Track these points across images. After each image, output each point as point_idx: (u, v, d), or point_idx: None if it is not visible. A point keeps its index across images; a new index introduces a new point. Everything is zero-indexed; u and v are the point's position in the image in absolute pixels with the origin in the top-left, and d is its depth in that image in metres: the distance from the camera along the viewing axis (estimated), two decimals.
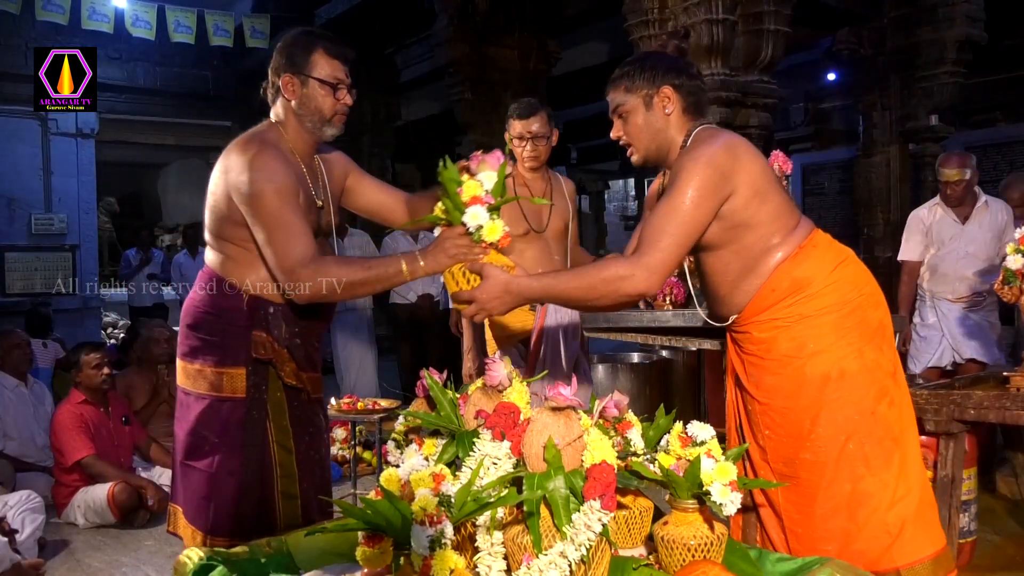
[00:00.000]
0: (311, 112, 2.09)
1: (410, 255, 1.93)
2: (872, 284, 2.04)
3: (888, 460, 1.94)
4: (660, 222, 1.90)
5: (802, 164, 11.60)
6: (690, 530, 1.51)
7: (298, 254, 1.93)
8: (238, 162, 2.00)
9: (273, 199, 1.95)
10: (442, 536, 1.40)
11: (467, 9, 8.26)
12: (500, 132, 9.14)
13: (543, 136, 3.38)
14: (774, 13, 6.23)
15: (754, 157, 1.99)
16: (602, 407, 1.63)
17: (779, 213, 1.99)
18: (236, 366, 2.08)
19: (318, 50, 2.07)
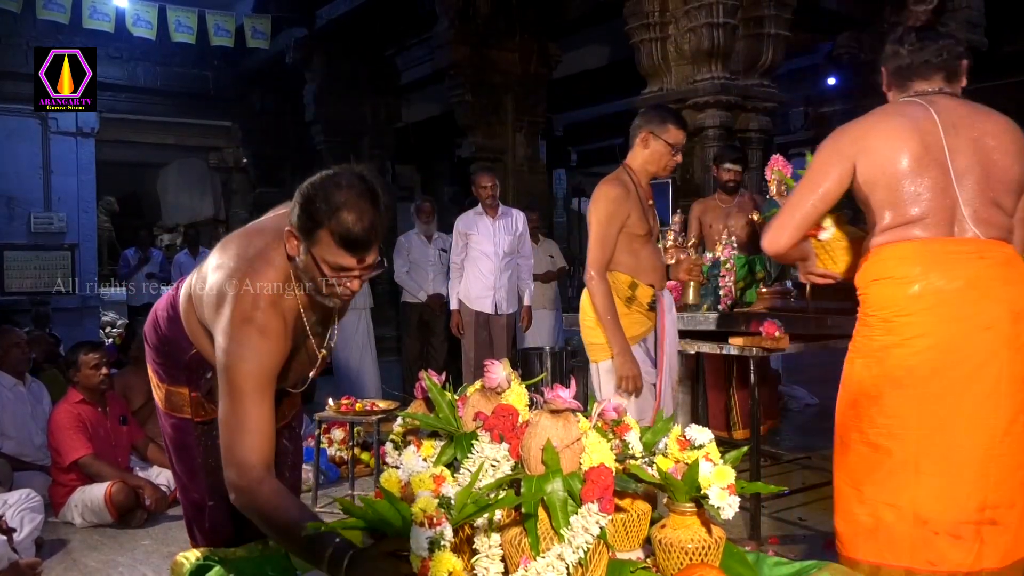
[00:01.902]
0: (307, 279, 1.76)
1: (341, 553, 1.49)
2: (891, 310, 2.06)
3: (842, 461, 2.17)
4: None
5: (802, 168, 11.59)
6: (688, 533, 1.51)
7: (238, 459, 1.67)
8: (225, 315, 1.74)
9: (243, 379, 1.70)
10: (441, 538, 1.38)
11: (468, 11, 8.27)
12: (500, 134, 9.18)
13: (682, 151, 3.40)
14: (775, 17, 6.25)
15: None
16: (600, 410, 1.63)
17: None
18: (178, 385, 1.98)
19: (327, 228, 1.65)
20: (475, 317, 5.83)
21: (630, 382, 3.16)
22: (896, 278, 2.05)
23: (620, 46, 7.92)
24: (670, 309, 3.36)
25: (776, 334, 3.49)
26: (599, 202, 3.25)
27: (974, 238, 2.03)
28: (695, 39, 6.07)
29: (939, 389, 1.99)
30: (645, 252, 3.30)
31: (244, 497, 1.66)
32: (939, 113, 2.07)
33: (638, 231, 3.27)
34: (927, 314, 2.01)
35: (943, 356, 1.99)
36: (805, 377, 7.68)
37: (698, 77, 6.16)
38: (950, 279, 2.01)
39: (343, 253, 1.67)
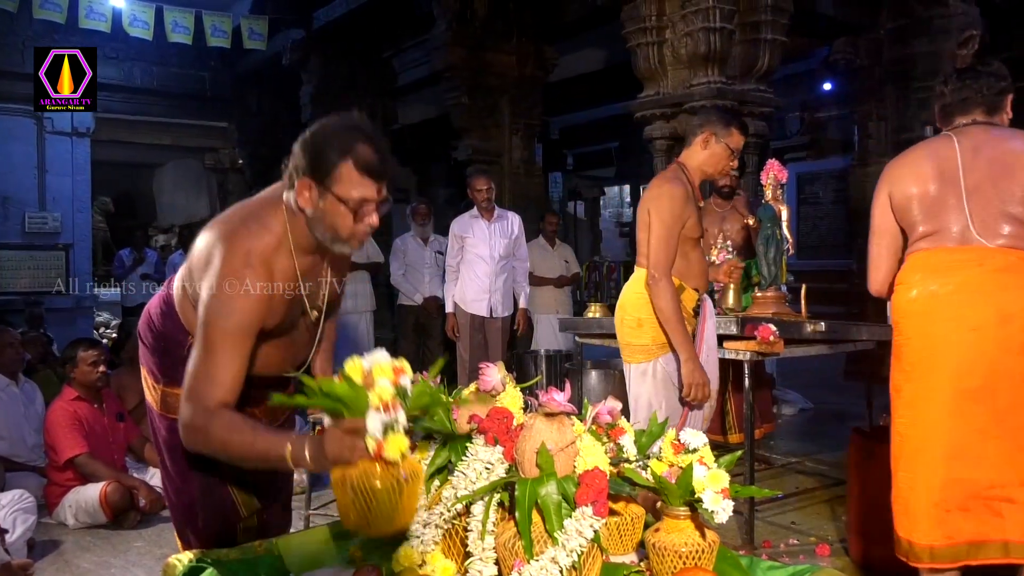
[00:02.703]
0: (325, 227, 1.76)
1: (299, 444, 1.59)
2: (898, 313, 2.36)
3: (897, 454, 2.39)
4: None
5: (797, 173, 11.63)
6: (681, 537, 1.51)
7: (206, 401, 1.69)
8: (214, 267, 1.74)
9: (219, 334, 1.72)
10: (396, 423, 1.46)
11: (465, 14, 8.27)
12: (496, 137, 9.19)
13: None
14: (771, 22, 6.26)
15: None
16: (595, 413, 1.63)
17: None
18: (174, 386, 1.90)
19: (346, 162, 1.69)
20: (470, 320, 5.83)
21: (699, 390, 3.05)
22: (903, 284, 2.35)
23: (617, 50, 7.93)
24: (711, 315, 3.27)
25: (771, 338, 3.49)
26: (664, 201, 3.11)
27: (978, 246, 2.25)
28: (692, 43, 6.08)
29: (937, 382, 2.26)
30: (695, 256, 3.24)
31: (197, 434, 1.69)
32: (961, 140, 2.34)
33: (693, 234, 3.19)
34: (921, 316, 2.29)
35: (936, 353, 2.27)
36: (800, 382, 7.70)
37: (694, 81, 6.17)
38: (943, 284, 2.26)
39: (367, 182, 1.71)
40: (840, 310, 8.60)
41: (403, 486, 1.50)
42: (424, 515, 1.63)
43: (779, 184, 4.06)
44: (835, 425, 6.11)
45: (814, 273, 10.07)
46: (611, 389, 4.76)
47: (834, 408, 6.86)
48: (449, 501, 1.58)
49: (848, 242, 9.42)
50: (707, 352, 3.21)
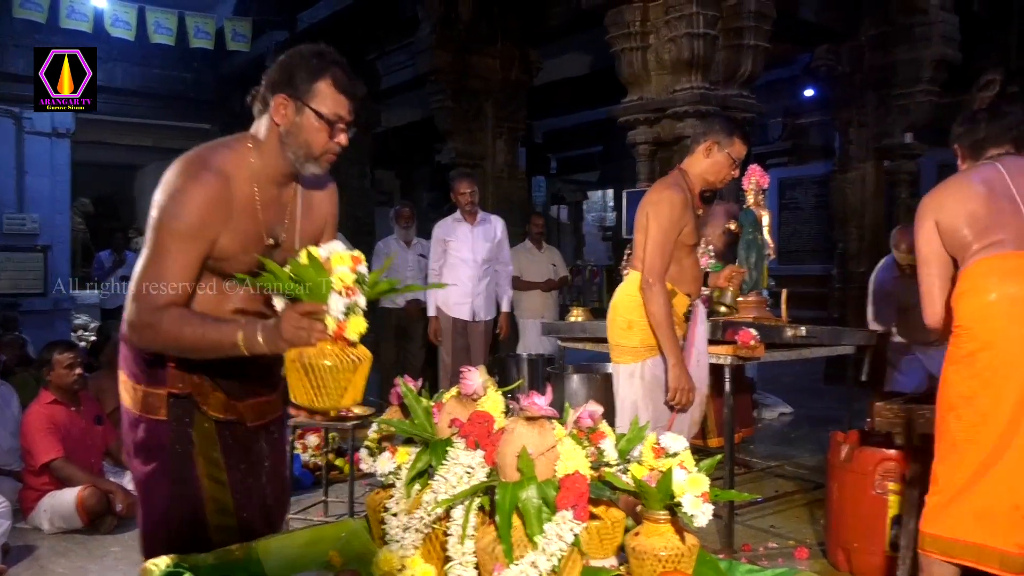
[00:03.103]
0: (299, 144, 1.84)
1: (251, 328, 1.69)
2: (973, 318, 2.33)
3: (943, 457, 2.39)
4: None
5: (779, 178, 11.71)
6: (661, 541, 1.51)
7: (153, 300, 1.72)
8: (165, 180, 1.80)
9: (168, 236, 1.75)
10: (356, 305, 1.61)
11: (450, 18, 8.28)
12: (480, 140, 9.21)
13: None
14: (754, 29, 6.30)
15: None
16: (576, 417, 1.63)
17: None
18: (157, 386, 1.89)
19: (325, 78, 1.81)
20: (453, 324, 5.82)
21: (684, 394, 3.10)
22: (977, 290, 2.33)
23: (601, 55, 7.96)
24: (702, 320, 3.31)
25: (751, 343, 3.52)
26: (663, 206, 3.14)
27: None
28: (675, 49, 6.12)
29: (1020, 384, 2.24)
30: (689, 262, 3.27)
31: (145, 330, 1.76)
32: (1004, 165, 2.44)
33: (689, 241, 3.22)
34: (1004, 318, 2.28)
35: (1020, 355, 2.26)
36: (780, 386, 7.74)
37: (678, 87, 6.20)
38: (1023, 286, 2.29)
39: (342, 100, 1.83)
40: (821, 314, 8.66)
41: (356, 365, 1.65)
42: (404, 519, 1.63)
43: (761, 189, 4.09)
44: (814, 429, 6.15)
45: (795, 278, 10.14)
46: (593, 393, 4.76)
47: (814, 412, 6.90)
48: (429, 505, 1.57)
49: (829, 247, 9.48)
50: (697, 357, 3.23)
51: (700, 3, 5.96)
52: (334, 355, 1.63)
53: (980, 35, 8.92)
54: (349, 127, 1.87)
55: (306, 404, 1.68)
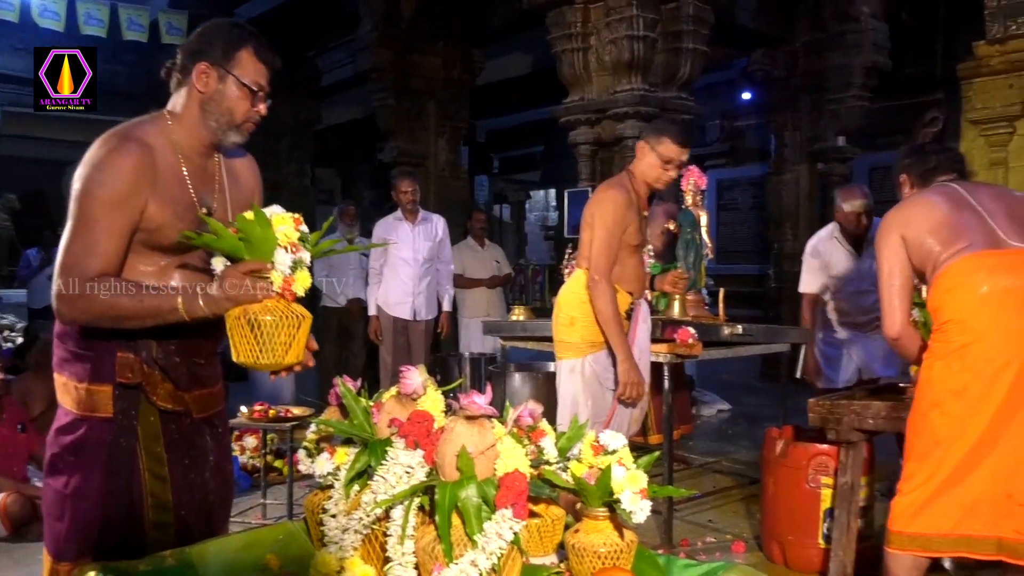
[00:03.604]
0: (221, 111, 1.86)
1: (191, 292, 1.71)
2: (965, 312, 2.36)
3: (923, 455, 2.40)
4: None
5: (717, 179, 11.93)
6: (600, 537, 1.53)
7: (83, 270, 1.71)
8: (87, 156, 1.78)
9: (95, 204, 1.73)
10: (302, 261, 1.67)
11: (392, 16, 8.22)
12: (422, 139, 9.16)
13: (682, 167, 3.37)
14: (693, 32, 6.41)
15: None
16: (516, 416, 1.63)
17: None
18: (101, 383, 1.85)
19: (247, 48, 1.87)
20: (393, 323, 5.78)
21: (634, 388, 3.17)
22: (967, 285, 2.38)
23: (543, 55, 8.00)
24: (645, 319, 3.37)
25: (690, 341, 3.57)
26: (607, 206, 3.22)
27: (1022, 248, 2.38)
28: (616, 51, 6.18)
29: (1016, 374, 2.28)
30: (632, 261, 3.32)
31: (78, 302, 1.72)
32: (960, 185, 2.59)
33: (633, 240, 3.28)
34: (996, 309, 2.33)
35: (1015, 344, 2.30)
36: (718, 383, 7.89)
37: (618, 88, 6.27)
38: (1015, 279, 2.35)
39: (262, 69, 1.89)
40: (757, 313, 8.85)
41: (300, 321, 1.68)
42: (343, 520, 1.61)
43: (699, 190, 4.15)
44: (751, 425, 6.29)
45: (733, 277, 10.34)
46: (535, 392, 4.79)
47: (750, 409, 7.05)
48: (369, 506, 1.56)
49: (765, 247, 9.69)
50: (639, 354, 3.29)
51: (640, 6, 6.03)
52: (278, 311, 1.66)
53: (908, 43, 9.23)
54: (267, 97, 1.92)
55: (250, 362, 1.68)
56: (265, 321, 1.65)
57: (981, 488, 2.31)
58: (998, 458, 2.29)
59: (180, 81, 1.90)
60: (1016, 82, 5.68)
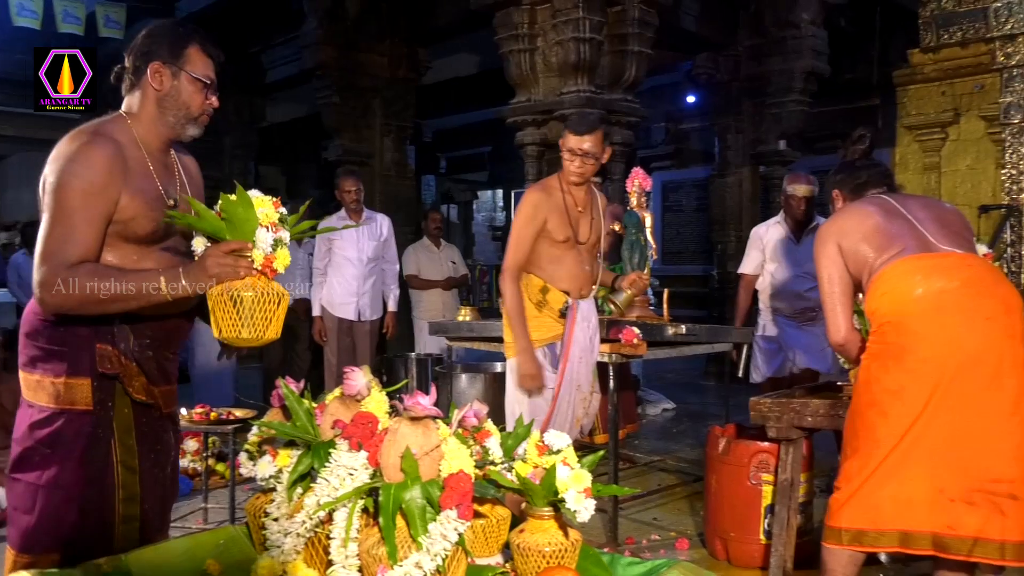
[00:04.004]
0: (178, 107, 1.97)
1: (172, 271, 1.79)
2: (901, 313, 2.42)
3: (863, 453, 2.44)
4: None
5: (662, 181, 12.07)
6: (545, 537, 1.53)
7: (64, 257, 1.77)
8: (58, 152, 1.85)
9: (72, 195, 1.80)
10: (282, 240, 1.77)
11: (337, 13, 8.14)
12: (368, 138, 9.09)
13: (593, 156, 3.31)
14: (638, 35, 6.47)
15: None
16: (461, 416, 1.63)
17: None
18: (79, 376, 1.91)
19: (194, 45, 1.98)
20: (338, 324, 5.72)
21: (528, 380, 3.24)
22: (901, 288, 2.44)
23: (490, 55, 8.00)
24: (586, 318, 3.37)
25: (635, 341, 3.60)
26: (520, 205, 3.36)
27: (953, 252, 2.46)
28: (562, 52, 6.22)
29: (950, 374, 2.33)
30: (566, 258, 3.33)
31: (61, 288, 1.77)
32: (890, 196, 2.69)
33: (557, 237, 3.30)
34: (933, 310, 2.38)
35: (950, 344, 2.35)
36: (663, 383, 7.98)
37: (565, 89, 6.30)
38: (948, 280, 2.41)
39: (209, 64, 2.00)
40: (701, 313, 8.99)
41: (280, 297, 1.78)
42: (285, 524, 1.59)
43: (644, 191, 4.19)
44: (695, 424, 6.37)
45: (678, 278, 10.49)
46: (481, 392, 4.78)
47: (695, 407, 7.15)
48: (311, 509, 1.54)
49: (709, 248, 9.84)
50: (580, 354, 3.31)
51: (586, 8, 6.07)
52: (259, 288, 1.75)
53: (846, 49, 9.47)
54: (216, 91, 2.04)
55: (231, 337, 1.77)
56: (247, 297, 1.73)
57: (916, 485, 2.36)
58: (931, 456, 2.35)
59: (133, 83, 1.99)
60: (948, 89, 5.87)
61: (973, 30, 5.58)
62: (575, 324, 3.31)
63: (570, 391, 3.32)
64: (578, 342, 3.32)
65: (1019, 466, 2.33)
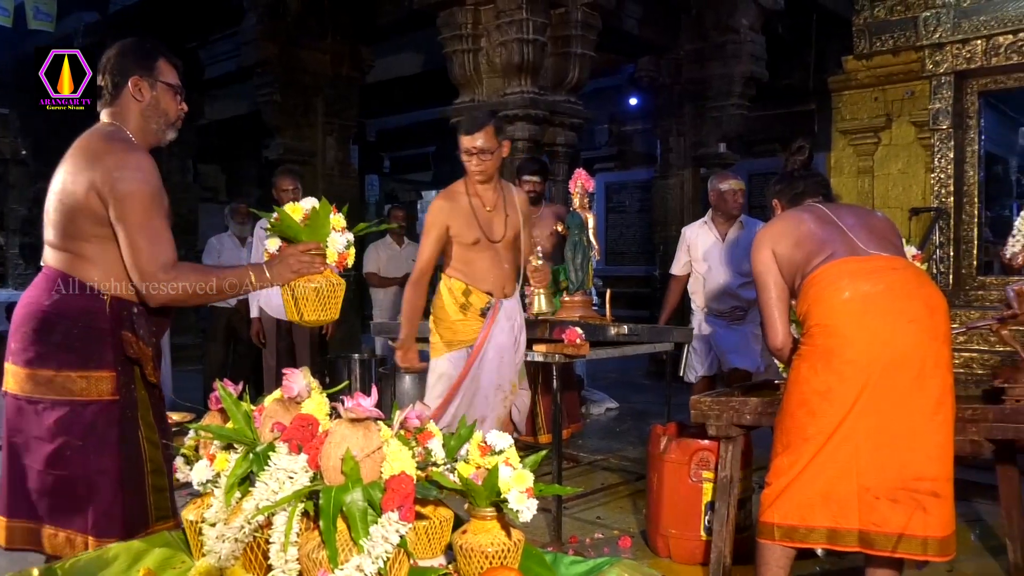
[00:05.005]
0: (159, 114, 2.20)
1: (257, 267, 2.10)
2: (829, 316, 2.47)
3: (793, 450, 2.51)
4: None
5: (605, 182, 12.16)
6: (488, 537, 1.53)
7: (162, 259, 2.02)
8: (113, 158, 2.04)
9: (147, 200, 2.03)
10: (351, 242, 2.13)
11: (278, 9, 8.01)
12: (310, 137, 8.97)
13: (489, 151, 3.34)
14: (581, 38, 6.52)
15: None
16: (403, 417, 1.62)
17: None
18: (101, 369, 2.07)
19: (161, 57, 2.22)
20: (276, 325, 5.63)
21: (404, 362, 3.56)
22: (830, 291, 2.49)
23: (434, 55, 7.97)
24: (510, 317, 3.41)
25: (577, 341, 3.63)
26: (427, 212, 3.47)
27: (880, 255, 2.53)
28: (506, 53, 6.23)
29: (876, 375, 2.39)
30: (481, 259, 3.38)
31: (170, 283, 2.02)
32: (824, 204, 2.78)
33: (466, 239, 3.36)
34: (860, 313, 2.44)
35: (877, 346, 2.41)
36: (606, 382, 8.05)
37: (508, 90, 6.31)
38: (874, 284, 2.47)
39: (175, 72, 2.25)
40: (643, 313, 9.08)
41: (338, 286, 2.13)
42: (223, 529, 1.56)
43: (587, 192, 4.23)
44: (638, 423, 6.44)
45: (621, 278, 10.59)
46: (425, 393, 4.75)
47: (638, 407, 7.22)
48: (250, 513, 1.51)
49: (651, 249, 9.96)
50: (493, 351, 3.37)
51: (530, 10, 6.09)
52: (321, 280, 2.09)
53: (784, 55, 9.68)
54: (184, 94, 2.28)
55: (297, 319, 2.14)
56: (310, 288, 2.09)
57: (843, 483, 2.43)
58: (858, 454, 2.42)
59: (112, 98, 2.18)
60: (881, 95, 6.05)
61: (904, 38, 5.75)
62: (493, 324, 3.36)
63: (484, 390, 3.39)
64: (496, 341, 3.37)
65: (941, 465, 2.41)
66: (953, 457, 2.46)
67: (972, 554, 3.48)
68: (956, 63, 5.43)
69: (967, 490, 3.78)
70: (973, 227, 5.65)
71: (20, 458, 2.09)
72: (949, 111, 5.43)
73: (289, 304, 2.15)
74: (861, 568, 2.66)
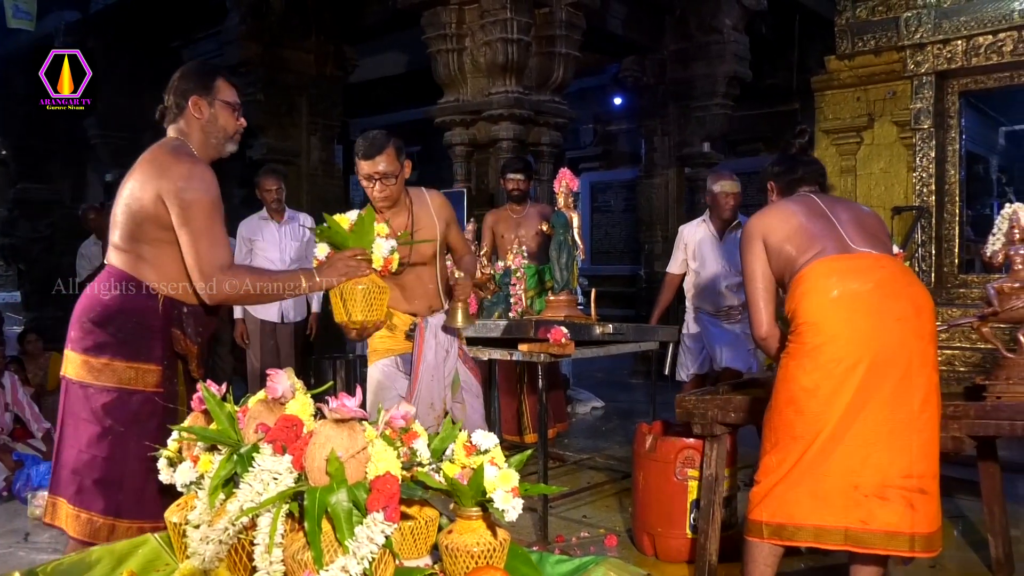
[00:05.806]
0: (218, 130, 2.38)
1: (307, 271, 2.33)
2: (818, 314, 2.47)
3: (781, 448, 2.51)
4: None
5: (590, 182, 12.19)
6: (474, 537, 1.53)
7: (221, 261, 2.21)
8: (179, 170, 2.21)
9: (208, 208, 2.21)
10: (395, 248, 2.38)
11: (261, 8, 7.97)
12: (294, 136, 8.94)
13: (392, 174, 3.10)
14: (565, 37, 6.52)
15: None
16: (388, 417, 1.62)
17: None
18: (149, 362, 2.25)
19: (220, 77, 2.40)
20: (260, 326, 5.60)
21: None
22: (819, 288, 2.49)
23: (418, 55, 7.96)
24: (430, 336, 3.22)
25: (563, 340, 3.63)
26: None
27: (871, 253, 2.53)
28: (490, 53, 6.22)
29: (863, 373, 2.40)
30: (399, 283, 3.18)
31: (232, 284, 2.20)
32: (816, 196, 2.76)
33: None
34: (848, 311, 2.45)
35: (864, 345, 2.42)
36: (592, 381, 8.06)
37: (493, 90, 6.31)
38: (862, 283, 2.47)
39: (234, 91, 2.42)
40: (629, 313, 9.11)
41: (383, 290, 2.37)
42: (207, 530, 1.55)
43: (571, 192, 4.23)
44: (624, 421, 6.46)
45: (606, 278, 10.61)
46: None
47: (624, 405, 7.24)
48: (234, 515, 1.50)
49: (637, 248, 9.98)
50: (431, 372, 3.20)
51: (514, 10, 6.09)
52: (367, 283, 2.32)
53: (767, 55, 9.72)
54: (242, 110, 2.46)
55: (345, 320, 2.37)
56: (358, 290, 2.32)
57: (831, 480, 2.44)
58: (846, 452, 2.43)
59: (176, 116, 2.37)
60: (863, 95, 6.09)
61: (886, 39, 5.79)
62: (423, 343, 3.20)
63: (420, 410, 3.16)
64: (425, 358, 3.20)
65: (928, 462, 2.43)
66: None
67: (955, 549, 3.52)
68: (937, 63, 5.47)
69: (949, 486, 3.80)
70: (954, 226, 5.71)
71: (67, 439, 2.27)
72: (930, 111, 5.47)
73: (338, 305, 2.34)
74: (845, 565, 2.68)
